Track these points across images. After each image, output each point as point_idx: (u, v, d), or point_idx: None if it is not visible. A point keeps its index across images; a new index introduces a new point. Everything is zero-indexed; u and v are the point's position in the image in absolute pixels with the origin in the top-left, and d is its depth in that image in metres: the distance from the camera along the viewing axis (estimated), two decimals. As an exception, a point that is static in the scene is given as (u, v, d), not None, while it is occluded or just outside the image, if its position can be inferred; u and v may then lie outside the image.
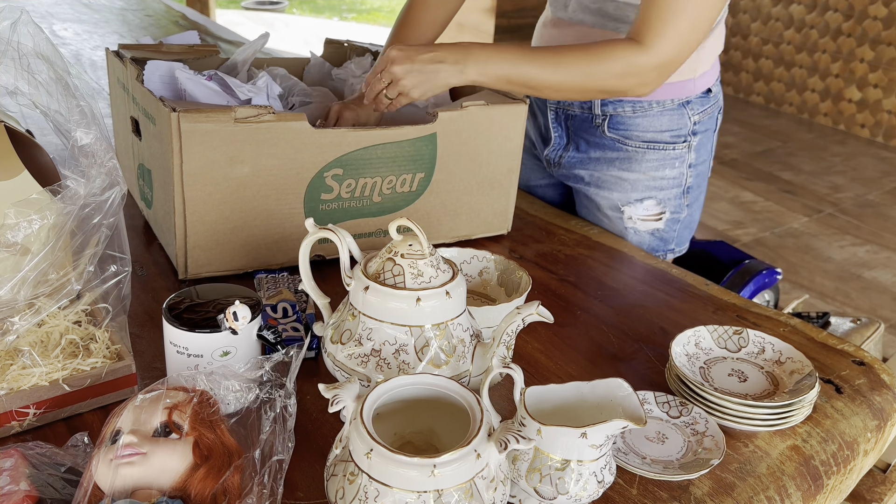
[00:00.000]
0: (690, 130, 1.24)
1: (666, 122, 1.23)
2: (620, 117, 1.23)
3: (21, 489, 0.60)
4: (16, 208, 0.71)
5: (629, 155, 1.25)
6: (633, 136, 1.24)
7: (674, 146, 1.24)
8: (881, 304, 2.90)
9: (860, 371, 0.94)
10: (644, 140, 1.24)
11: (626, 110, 1.22)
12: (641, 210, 1.28)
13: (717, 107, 1.28)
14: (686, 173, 1.27)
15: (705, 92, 1.24)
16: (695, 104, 1.23)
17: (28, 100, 0.74)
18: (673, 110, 1.22)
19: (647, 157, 1.24)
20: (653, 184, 1.26)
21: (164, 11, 2.92)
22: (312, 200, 1.03)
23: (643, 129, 1.23)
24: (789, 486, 0.76)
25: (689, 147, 1.25)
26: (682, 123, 1.23)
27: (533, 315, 0.69)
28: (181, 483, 0.59)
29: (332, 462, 0.62)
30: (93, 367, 0.75)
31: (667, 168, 1.25)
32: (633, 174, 1.26)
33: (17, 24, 0.73)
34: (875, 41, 4.66)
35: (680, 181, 1.27)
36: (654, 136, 1.23)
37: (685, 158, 1.26)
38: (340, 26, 7.39)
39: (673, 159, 1.25)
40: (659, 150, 1.24)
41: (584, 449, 0.64)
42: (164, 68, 1.05)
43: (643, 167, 1.25)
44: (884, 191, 3.99)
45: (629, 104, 1.22)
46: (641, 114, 1.22)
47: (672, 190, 1.27)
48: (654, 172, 1.25)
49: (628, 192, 1.27)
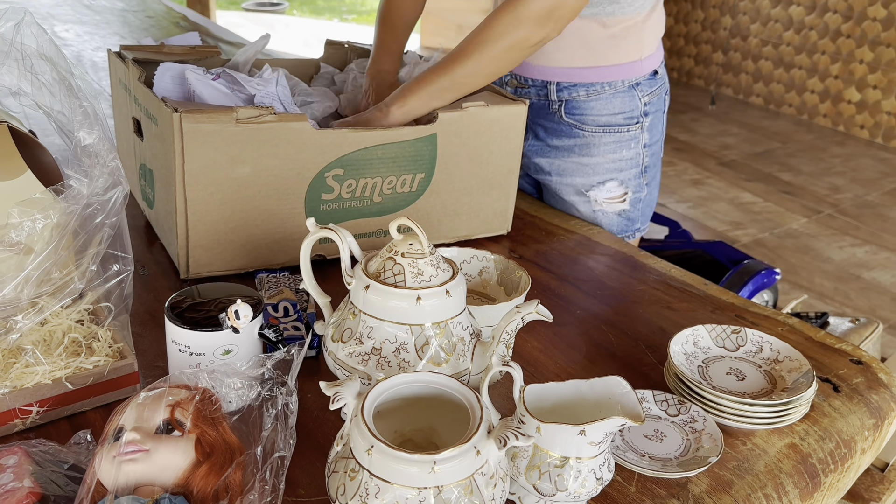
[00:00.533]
0: (642, 111, 1.30)
1: (618, 104, 1.29)
2: (576, 101, 1.29)
3: (24, 486, 0.61)
4: (19, 208, 0.71)
5: (587, 140, 1.31)
6: (589, 120, 1.30)
7: (627, 128, 1.30)
8: (880, 304, 2.91)
9: (858, 370, 0.95)
10: (599, 124, 1.29)
11: (580, 94, 1.28)
12: (605, 192, 1.33)
13: (664, 88, 1.35)
14: (642, 153, 1.33)
15: (652, 74, 1.31)
16: (643, 86, 1.30)
17: (31, 100, 0.74)
18: (624, 92, 1.28)
19: (605, 141, 1.30)
20: (612, 166, 1.32)
21: (164, 13, 2.93)
22: (313, 200, 1.03)
23: (598, 113, 1.29)
24: (787, 484, 0.76)
25: (641, 128, 1.31)
26: (634, 105, 1.29)
27: (532, 314, 0.69)
28: (183, 480, 0.59)
29: (333, 459, 0.62)
30: (95, 365, 0.76)
31: (623, 149, 1.31)
32: (593, 158, 1.31)
33: (20, 25, 0.73)
34: (874, 42, 4.67)
35: (637, 161, 1.33)
36: (609, 119, 1.29)
37: (639, 139, 1.32)
38: (340, 27, 7.40)
39: (628, 140, 1.31)
40: (614, 132, 1.30)
41: (583, 446, 0.65)
42: (175, 70, 1.05)
43: (601, 150, 1.31)
44: (883, 192, 4.00)
45: (583, 88, 1.28)
46: (595, 97, 1.28)
47: (631, 171, 1.33)
48: (612, 155, 1.31)
49: (590, 177, 1.32)
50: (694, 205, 3.69)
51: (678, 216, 3.49)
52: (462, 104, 1.10)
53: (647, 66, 1.29)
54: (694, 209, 3.64)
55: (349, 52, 1.41)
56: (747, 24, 5.38)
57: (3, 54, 0.73)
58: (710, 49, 5.66)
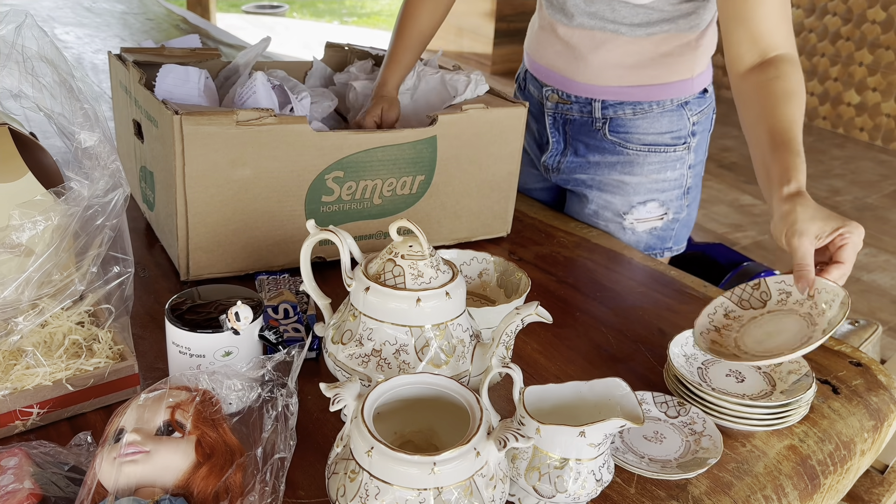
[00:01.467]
0: (690, 131, 1.25)
1: (666, 123, 1.23)
2: (621, 120, 1.24)
3: (25, 487, 0.61)
4: (20, 210, 0.71)
5: (630, 158, 1.26)
6: (634, 138, 1.24)
7: (674, 148, 1.25)
8: (880, 306, 2.91)
9: (857, 372, 0.95)
10: (644, 143, 1.24)
11: (626, 112, 1.23)
12: (644, 213, 1.29)
13: (711, 107, 1.29)
14: (686, 174, 1.28)
15: (702, 92, 1.26)
16: (693, 105, 1.24)
17: (32, 102, 0.74)
18: (672, 111, 1.23)
19: (649, 160, 1.25)
20: (655, 186, 1.27)
21: (165, 15, 2.93)
22: (313, 202, 1.03)
23: (644, 132, 1.24)
24: (786, 486, 0.77)
25: (688, 148, 1.26)
26: (682, 125, 1.24)
27: (532, 315, 0.69)
28: (184, 481, 0.60)
29: (333, 460, 0.62)
30: (96, 367, 0.76)
31: (668, 170, 1.26)
32: (636, 177, 1.27)
33: (21, 27, 0.74)
34: (874, 45, 4.67)
35: (681, 182, 1.28)
36: (655, 138, 1.24)
37: (685, 160, 1.27)
38: (340, 30, 7.40)
39: (674, 161, 1.26)
40: (660, 152, 1.25)
41: (583, 448, 0.65)
42: (178, 71, 1.06)
43: (645, 170, 1.26)
44: (882, 194, 4.00)
45: (629, 106, 1.23)
46: (642, 115, 1.23)
47: (674, 191, 1.28)
48: (655, 175, 1.26)
49: (630, 196, 1.28)
50: (694, 207, 3.68)
51: (678, 218, 3.48)
52: (462, 106, 1.10)
53: (697, 84, 1.24)
54: (694, 211, 3.63)
55: (349, 54, 1.41)
56: (747, 26, 5.38)
57: (5, 57, 0.73)
58: (710, 51, 5.66)
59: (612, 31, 1.18)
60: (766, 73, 0.98)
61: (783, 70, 0.97)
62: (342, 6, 8.60)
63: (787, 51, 0.99)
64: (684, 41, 1.19)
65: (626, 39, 1.17)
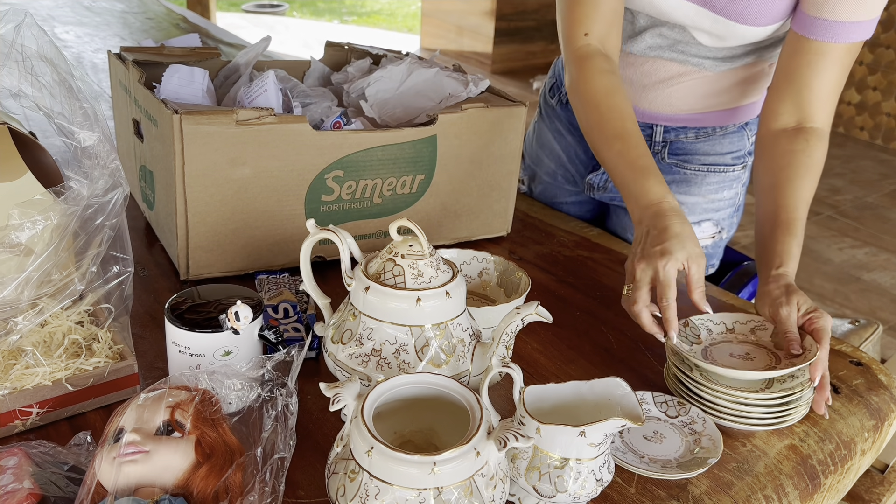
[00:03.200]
0: (748, 151, 1.23)
1: (727, 144, 1.21)
2: (682, 143, 1.21)
3: (25, 487, 0.61)
4: (19, 209, 0.71)
5: (687, 178, 1.22)
6: (694, 159, 1.22)
7: (733, 168, 1.23)
8: (880, 306, 2.91)
9: (858, 371, 0.95)
10: (704, 164, 1.21)
11: (688, 136, 1.20)
12: (699, 233, 1.25)
13: None
14: (740, 193, 1.26)
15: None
16: (752, 124, 1.22)
17: (31, 102, 0.74)
18: (734, 133, 1.21)
19: (707, 181, 1.22)
20: (711, 206, 1.24)
21: (164, 14, 2.93)
22: (313, 202, 1.03)
23: (704, 153, 1.21)
24: (787, 485, 0.77)
25: (745, 167, 1.24)
26: (742, 145, 1.22)
27: (532, 315, 0.69)
28: (183, 481, 0.59)
29: (333, 460, 0.62)
30: (95, 366, 0.76)
31: (725, 189, 1.24)
32: (692, 197, 1.23)
33: (21, 26, 0.73)
34: (873, 44, 4.67)
35: (734, 201, 1.26)
36: (715, 158, 1.21)
37: (741, 178, 1.25)
38: (340, 29, 7.40)
39: (731, 181, 1.23)
40: (719, 172, 1.22)
41: (583, 447, 0.65)
42: (183, 72, 1.06)
43: (702, 190, 1.23)
44: (883, 193, 4.00)
45: (692, 131, 1.20)
46: (704, 139, 1.20)
47: (727, 210, 1.26)
48: (713, 195, 1.23)
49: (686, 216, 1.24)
50: (694, 206, 3.69)
51: (678, 218, 3.49)
52: (462, 106, 1.10)
53: (759, 106, 1.20)
54: (694, 211, 3.63)
55: (349, 53, 1.41)
56: (747, 25, 5.38)
57: (4, 56, 0.73)
58: (710, 51, 5.66)
59: (694, 65, 1.13)
60: (796, 142, 0.99)
61: (812, 145, 0.98)
62: (342, 5, 8.60)
63: (823, 126, 1.00)
64: (762, 68, 1.16)
65: (708, 74, 1.13)
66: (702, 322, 0.91)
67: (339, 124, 1.05)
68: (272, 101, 1.05)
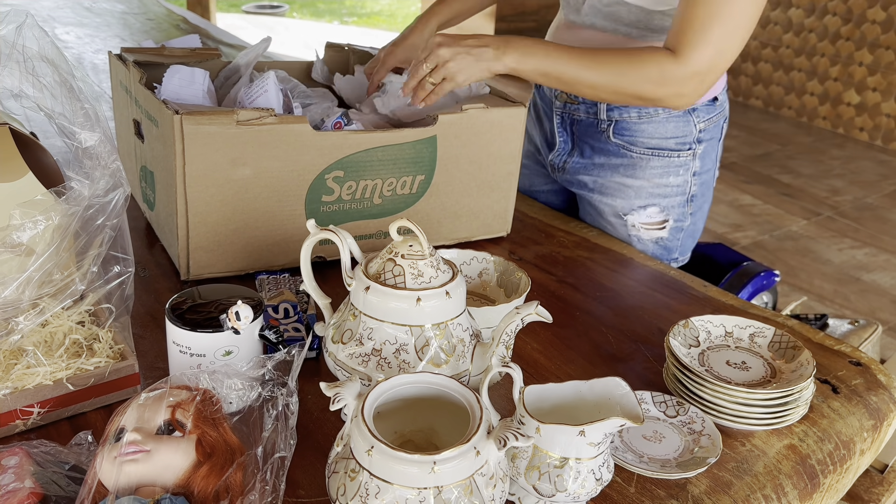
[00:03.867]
0: (696, 138, 1.24)
1: (671, 128, 1.23)
2: (626, 122, 1.23)
3: (26, 486, 0.61)
4: (21, 209, 0.72)
5: (633, 161, 1.25)
6: (639, 142, 1.24)
7: (678, 154, 1.24)
8: (880, 306, 2.91)
9: (857, 371, 0.95)
10: (648, 147, 1.24)
11: (631, 116, 1.22)
12: (644, 217, 1.28)
13: (722, 115, 1.28)
14: (690, 181, 1.27)
15: (712, 100, 1.25)
16: (701, 112, 1.23)
17: (33, 102, 0.75)
18: (679, 117, 1.22)
19: (652, 164, 1.25)
20: (656, 191, 1.26)
21: (165, 15, 2.93)
22: (313, 202, 1.04)
23: (648, 136, 1.23)
24: (786, 485, 0.77)
25: (693, 155, 1.25)
26: (688, 131, 1.23)
27: (532, 315, 0.70)
28: (184, 480, 0.60)
29: (333, 459, 0.62)
30: (96, 366, 0.76)
31: (671, 175, 1.25)
32: (637, 181, 1.26)
33: (22, 27, 0.74)
34: (873, 45, 4.67)
35: (684, 189, 1.27)
36: (659, 142, 1.23)
37: (689, 166, 1.26)
38: (341, 30, 7.40)
39: (677, 167, 1.25)
40: (664, 157, 1.24)
41: (583, 447, 0.65)
42: (184, 73, 1.06)
43: (647, 174, 1.25)
44: (882, 194, 4.00)
45: (635, 110, 1.22)
46: (647, 119, 1.22)
47: (676, 198, 1.27)
48: (658, 179, 1.25)
49: (632, 199, 1.27)
50: (693, 207, 3.69)
51: (678, 218, 3.49)
52: (462, 106, 1.10)
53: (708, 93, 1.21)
54: (693, 211, 3.63)
55: (350, 54, 1.41)
56: (747, 26, 5.38)
57: (5, 56, 0.73)
58: (710, 51, 5.66)
59: (623, 33, 1.17)
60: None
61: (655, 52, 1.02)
62: (342, 6, 8.60)
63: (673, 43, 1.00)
64: None
65: (636, 43, 1.17)
66: (701, 323, 0.91)
67: (339, 124, 1.05)
68: (272, 102, 1.05)
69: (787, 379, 0.85)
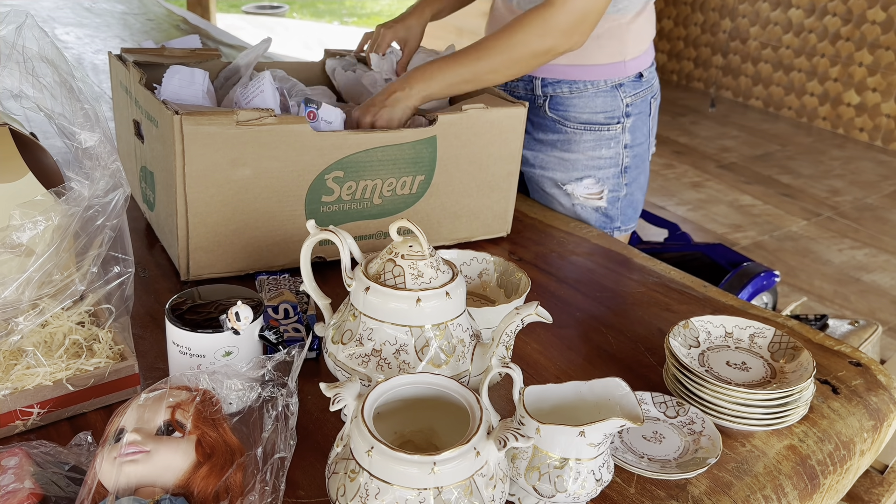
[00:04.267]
0: (623, 112, 1.33)
1: (600, 103, 1.31)
2: (560, 98, 1.32)
3: (26, 487, 0.61)
4: (20, 210, 0.72)
5: (568, 136, 1.34)
6: (571, 116, 1.33)
7: (608, 127, 1.33)
8: (880, 307, 2.91)
9: (857, 372, 0.95)
10: (580, 121, 1.33)
11: (563, 91, 1.32)
12: (582, 188, 1.36)
13: (649, 92, 1.36)
14: (622, 153, 1.35)
15: (637, 76, 1.33)
16: (627, 87, 1.32)
17: (32, 103, 0.75)
18: (606, 92, 1.31)
19: (584, 138, 1.33)
20: (591, 163, 1.34)
21: (165, 15, 2.93)
22: (313, 202, 1.04)
23: (580, 110, 1.32)
24: (786, 485, 0.77)
25: (622, 128, 1.34)
26: (615, 105, 1.32)
27: (532, 315, 0.70)
28: (184, 481, 0.60)
29: (333, 460, 0.62)
30: (96, 367, 0.76)
31: (602, 148, 1.34)
32: (573, 154, 1.34)
33: (22, 27, 0.74)
34: (873, 45, 4.67)
35: (616, 161, 1.35)
36: (590, 116, 1.32)
37: (620, 139, 1.34)
38: (341, 30, 7.40)
39: (608, 140, 1.33)
40: (595, 130, 1.33)
41: (583, 447, 0.65)
42: (184, 73, 1.06)
43: (581, 147, 1.34)
44: (882, 194, 4.00)
45: (566, 85, 1.31)
46: (578, 94, 1.31)
47: (610, 170, 1.35)
48: (591, 152, 1.34)
49: (569, 171, 1.36)
50: (693, 207, 3.69)
51: (678, 219, 3.50)
52: (462, 106, 1.10)
53: (630, 68, 1.31)
54: (693, 212, 3.64)
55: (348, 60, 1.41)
56: (747, 27, 5.39)
57: (5, 57, 0.73)
58: (710, 52, 5.67)
59: None
60: None
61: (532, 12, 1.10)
62: (342, 6, 8.60)
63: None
64: (614, 24, 1.26)
65: None
66: (701, 324, 0.91)
67: (312, 114, 1.05)
68: (269, 102, 1.05)
69: (787, 379, 0.85)
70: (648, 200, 3.69)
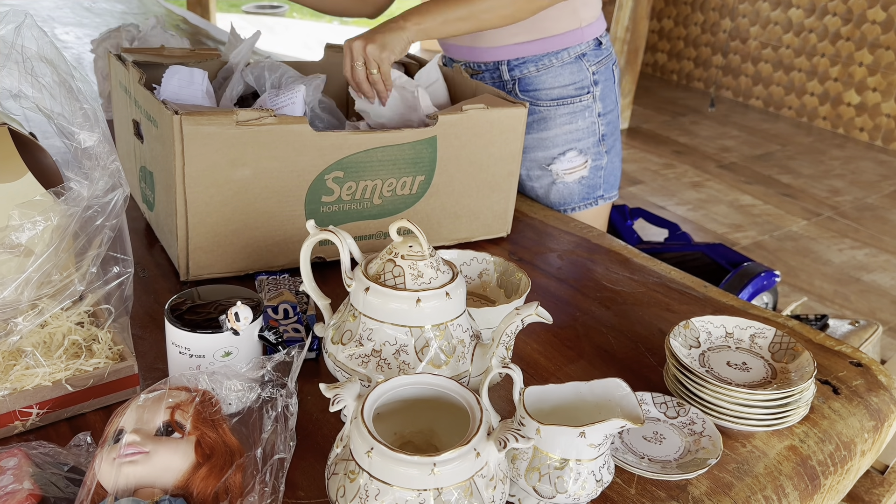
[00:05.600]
0: (591, 81, 1.36)
1: (568, 75, 1.34)
2: (528, 78, 1.34)
3: (25, 488, 0.61)
4: (19, 210, 0.71)
5: (543, 115, 1.36)
6: (542, 94, 1.35)
7: (579, 98, 1.36)
8: (880, 306, 2.91)
9: (857, 372, 0.95)
10: (552, 98, 1.35)
11: (530, 70, 1.34)
12: (566, 163, 1.38)
13: (611, 59, 1.40)
14: (597, 122, 1.38)
15: (597, 45, 1.36)
16: (590, 56, 1.35)
17: (32, 103, 0.74)
18: (571, 63, 1.34)
19: (559, 113, 1.36)
20: (570, 136, 1.37)
21: (164, 15, 2.93)
22: (313, 203, 1.03)
23: (549, 87, 1.34)
24: (787, 486, 0.77)
25: (593, 97, 1.37)
26: (583, 75, 1.35)
27: (532, 316, 0.69)
28: (183, 482, 0.59)
29: (332, 461, 0.62)
30: (95, 367, 0.76)
31: (578, 120, 1.37)
32: (551, 131, 1.37)
33: (21, 27, 0.74)
34: (874, 45, 4.67)
35: (593, 130, 1.38)
36: (560, 91, 1.35)
37: (593, 108, 1.37)
38: (341, 30, 7.40)
39: (582, 110, 1.36)
40: (567, 104, 1.35)
41: (583, 448, 0.65)
42: (183, 73, 1.06)
43: (557, 122, 1.36)
44: (882, 194, 4.00)
45: (532, 63, 1.33)
46: (545, 70, 1.34)
47: (589, 139, 1.38)
48: (567, 126, 1.36)
49: (550, 149, 1.38)
50: (694, 207, 3.69)
51: (678, 219, 3.50)
52: (462, 106, 1.10)
53: (588, 33, 1.34)
54: (694, 212, 3.64)
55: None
56: (747, 26, 5.39)
57: (4, 57, 0.73)
58: (710, 52, 5.67)
59: None
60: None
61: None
62: (342, 6, 8.58)
63: None
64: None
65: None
66: (702, 324, 0.91)
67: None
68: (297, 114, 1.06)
69: (787, 380, 0.84)
70: (649, 200, 3.69)
